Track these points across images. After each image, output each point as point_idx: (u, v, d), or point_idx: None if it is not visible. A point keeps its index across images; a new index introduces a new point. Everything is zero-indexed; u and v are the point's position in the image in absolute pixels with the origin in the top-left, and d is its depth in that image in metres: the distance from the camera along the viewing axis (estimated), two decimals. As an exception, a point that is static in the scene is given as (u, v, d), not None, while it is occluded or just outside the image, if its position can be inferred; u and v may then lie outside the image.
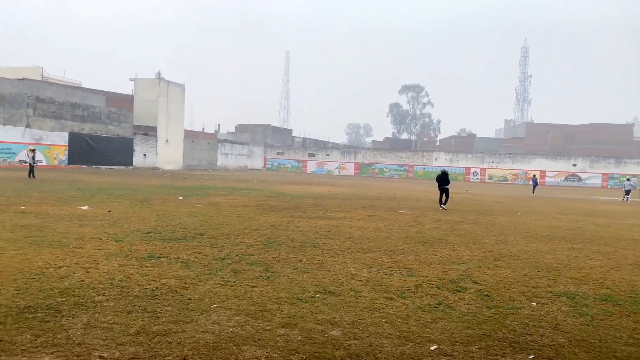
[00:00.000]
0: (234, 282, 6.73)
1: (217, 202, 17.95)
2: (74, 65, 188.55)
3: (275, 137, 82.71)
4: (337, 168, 74.43)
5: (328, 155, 75.83)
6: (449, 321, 5.61)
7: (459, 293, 6.74)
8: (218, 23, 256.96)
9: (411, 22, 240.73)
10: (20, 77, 45.50)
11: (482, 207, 21.52)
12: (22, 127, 40.32)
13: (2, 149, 38.63)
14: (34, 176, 26.69)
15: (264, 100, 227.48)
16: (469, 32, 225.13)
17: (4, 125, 38.87)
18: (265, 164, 78.54)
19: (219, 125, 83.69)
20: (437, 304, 6.20)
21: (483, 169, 70.07)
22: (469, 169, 70.44)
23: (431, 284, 7.12)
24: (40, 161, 40.93)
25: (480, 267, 8.44)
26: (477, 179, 69.74)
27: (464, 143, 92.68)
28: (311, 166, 75.84)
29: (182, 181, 32.30)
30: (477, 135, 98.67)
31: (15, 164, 39.10)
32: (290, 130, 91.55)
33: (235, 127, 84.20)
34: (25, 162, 32.19)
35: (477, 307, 6.18)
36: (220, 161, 68.96)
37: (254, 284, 6.66)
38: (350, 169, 73.94)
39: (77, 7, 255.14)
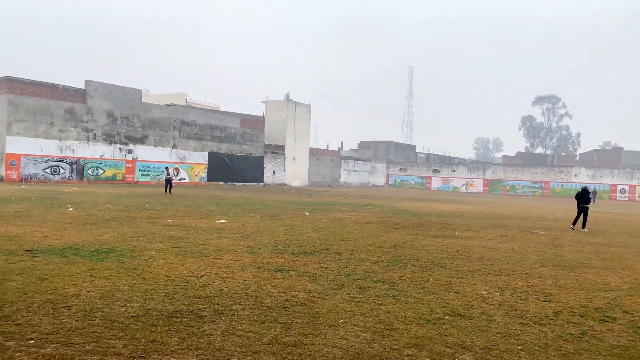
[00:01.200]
0: (360, 298, 6.73)
1: (341, 218, 18.23)
2: (213, 89, 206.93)
3: (398, 153, 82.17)
4: (463, 185, 71.56)
5: (454, 171, 73.31)
6: (596, 354, 5.03)
7: (606, 323, 6.02)
8: (341, 39, 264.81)
9: (550, 24, 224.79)
10: (169, 103, 51.00)
11: (632, 228, 19.11)
12: (169, 147, 45.05)
13: (153, 167, 43.47)
14: (170, 191, 29.49)
15: (387, 116, 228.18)
16: (613, 33, 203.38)
17: (155, 146, 43.77)
18: (387, 180, 78.25)
19: (342, 142, 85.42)
20: (581, 334, 5.60)
21: (632, 186, 62.42)
22: (615, 185, 63.26)
23: (573, 312, 6.45)
24: (184, 178, 45.23)
25: (631, 295, 7.47)
26: (624, 197, 62.29)
27: (609, 158, 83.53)
28: (435, 182, 73.88)
29: (307, 197, 33.44)
30: (625, 149, 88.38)
31: (163, 181, 43.75)
32: (414, 146, 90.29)
33: (358, 144, 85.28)
34: (163, 178, 35.99)
35: (629, 339, 5.46)
36: (343, 178, 70.21)
37: (380, 302, 6.60)
38: (478, 186, 70.60)
39: (217, 39, 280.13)
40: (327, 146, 77.57)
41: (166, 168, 31.98)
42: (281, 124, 58.63)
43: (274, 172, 56.94)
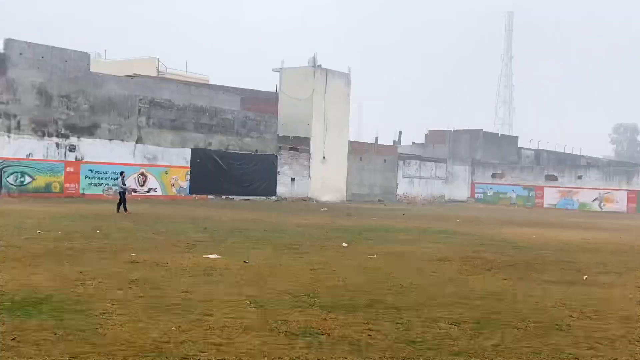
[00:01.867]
0: (431, 380, 6.65)
1: (399, 252, 18.12)
2: (198, 53, 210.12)
3: (490, 149, 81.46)
4: (596, 199, 70.15)
5: (580, 178, 72.05)
6: None
7: None
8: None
9: None
10: (131, 74, 51.96)
11: None
12: (131, 142, 45.84)
13: (107, 172, 44.25)
14: (125, 209, 29.72)
15: (470, 91, 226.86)
16: None
17: (110, 140, 44.64)
18: (473, 191, 77.52)
19: (399, 132, 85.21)
20: None
21: None
22: None
23: None
24: (155, 190, 45.93)
25: None
26: None
27: None
28: (550, 196, 72.71)
29: (345, 219, 33.33)
30: None
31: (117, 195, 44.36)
32: (515, 139, 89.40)
33: (426, 134, 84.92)
34: (127, 190, 36.01)
35: None
36: (403, 188, 69.97)
37: (464, 387, 6.50)
38: (620, 201, 69.11)
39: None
40: (377, 139, 77.59)
41: (121, 173, 32.26)
42: (304, 104, 58.96)
43: (292, 179, 57.23)
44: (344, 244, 19.37)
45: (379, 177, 67.07)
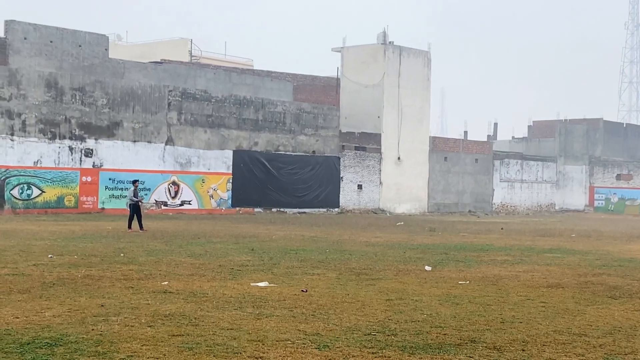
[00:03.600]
0: None
1: (497, 276, 17.99)
2: (238, 33, 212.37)
3: (613, 143, 79.99)
4: None
5: None
6: None
7: None
8: None
9: None
10: (159, 60, 52.83)
11: None
12: (160, 143, 46.55)
13: (130, 181, 44.79)
14: (141, 227, 30.21)
15: (587, 72, 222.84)
16: None
17: (134, 141, 45.40)
18: (592, 198, 76.23)
19: (495, 125, 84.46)
20: None
21: None
22: None
23: None
24: (190, 202, 46.49)
25: None
26: None
27: None
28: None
29: (428, 235, 33.14)
30: None
31: (151, 209, 45.07)
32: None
33: (529, 126, 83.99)
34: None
35: None
36: (500, 195, 69.29)
37: None
38: None
39: None
40: (465, 134, 77.05)
41: (133, 182, 32.77)
42: (373, 92, 59.00)
43: (359, 186, 57.26)
44: (427, 268, 19.27)
45: (469, 181, 66.57)
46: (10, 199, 40.44)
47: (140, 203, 31.41)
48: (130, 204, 31.19)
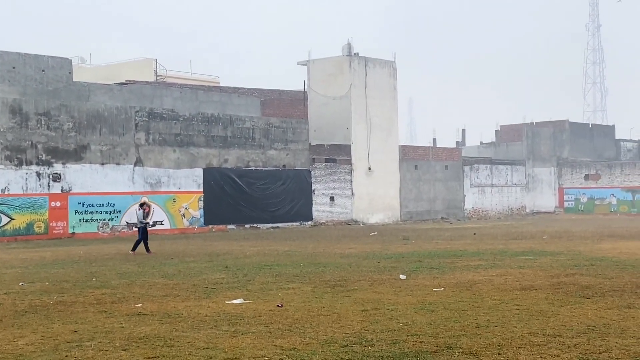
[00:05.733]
0: None
1: (471, 281, 18.08)
2: (202, 50, 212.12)
3: (580, 144, 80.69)
4: None
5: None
6: None
7: None
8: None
9: None
10: (124, 81, 52.66)
11: None
12: (129, 165, 46.37)
13: (102, 205, 44.78)
14: (147, 250, 30.14)
15: (551, 74, 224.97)
16: None
17: (102, 164, 45.18)
18: (561, 199, 76.78)
19: (463, 131, 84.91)
20: None
21: None
22: None
23: None
24: (162, 222, 46.35)
25: None
26: None
27: None
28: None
29: (401, 244, 33.22)
30: None
31: (123, 231, 44.82)
32: (611, 129, 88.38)
33: (496, 130, 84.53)
34: (135, 225, 36.20)
35: None
36: (471, 200, 69.61)
37: None
38: None
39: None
40: (434, 141, 77.38)
41: (141, 205, 31.49)
42: (340, 103, 59.17)
43: (332, 198, 57.31)
44: (402, 276, 19.33)
45: (440, 188, 66.81)
46: (-21, 228, 40.10)
47: (148, 225, 31.25)
48: (139, 227, 30.92)
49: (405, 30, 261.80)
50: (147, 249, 29.99)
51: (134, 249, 30.01)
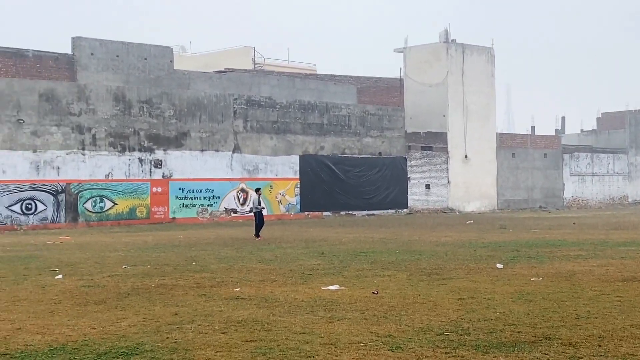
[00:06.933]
0: None
1: (570, 272, 17.76)
2: (297, 36, 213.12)
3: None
4: None
5: None
6: None
7: None
8: None
9: None
10: (223, 69, 53.36)
11: None
12: (228, 151, 46.99)
13: (201, 190, 45.53)
14: (257, 233, 30.80)
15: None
16: None
17: (202, 150, 45.91)
18: (666, 189, 74.71)
19: (562, 119, 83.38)
20: None
21: None
22: None
23: None
24: (261, 208, 46.80)
25: None
26: None
27: None
28: None
29: (498, 233, 32.86)
30: None
31: (222, 216, 45.54)
32: None
33: (598, 118, 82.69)
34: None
35: None
36: (571, 189, 68.36)
37: None
38: None
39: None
40: (532, 129, 76.25)
41: (256, 190, 33.44)
42: (437, 91, 58.85)
43: (427, 186, 57.03)
44: (499, 265, 19.12)
45: (538, 177, 65.86)
46: (83, 212, 41.26)
47: (262, 211, 31.97)
48: (255, 212, 31.63)
49: (503, 16, 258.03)
50: (257, 233, 30.71)
51: (256, 234, 30.54)
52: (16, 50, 41.34)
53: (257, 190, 33.31)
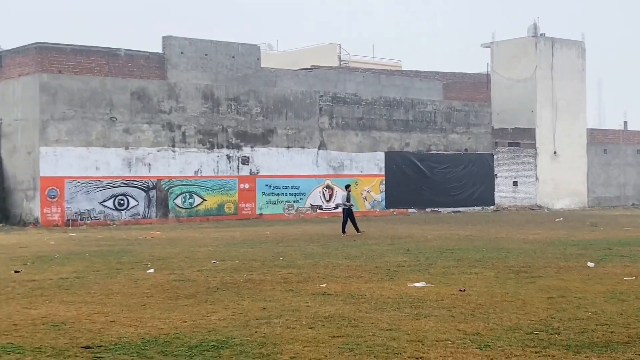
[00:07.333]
0: None
1: (665, 271, 17.32)
2: (383, 36, 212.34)
3: None
4: None
5: None
6: None
7: None
8: None
9: None
10: (309, 66, 53.60)
11: None
12: (313, 148, 47.21)
13: (287, 187, 45.86)
14: (357, 229, 31.00)
15: None
16: None
17: (288, 147, 46.22)
18: None
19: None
20: None
21: None
22: None
23: None
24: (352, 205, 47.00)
25: None
26: None
27: None
28: None
29: (589, 231, 32.29)
30: None
31: (308, 213, 45.80)
32: None
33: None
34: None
35: None
36: (665, 186, 66.62)
37: None
38: None
39: None
40: (625, 124, 74.45)
41: (346, 187, 33.60)
42: (525, 86, 58.09)
43: (515, 182, 56.32)
44: (590, 264, 18.83)
45: (631, 173, 64.38)
46: (174, 208, 42.01)
47: (352, 207, 32.14)
48: (343, 209, 31.86)
49: (595, 9, 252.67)
50: (357, 228, 30.91)
51: (343, 231, 30.76)
52: (109, 49, 42.24)
53: (347, 187, 33.38)
